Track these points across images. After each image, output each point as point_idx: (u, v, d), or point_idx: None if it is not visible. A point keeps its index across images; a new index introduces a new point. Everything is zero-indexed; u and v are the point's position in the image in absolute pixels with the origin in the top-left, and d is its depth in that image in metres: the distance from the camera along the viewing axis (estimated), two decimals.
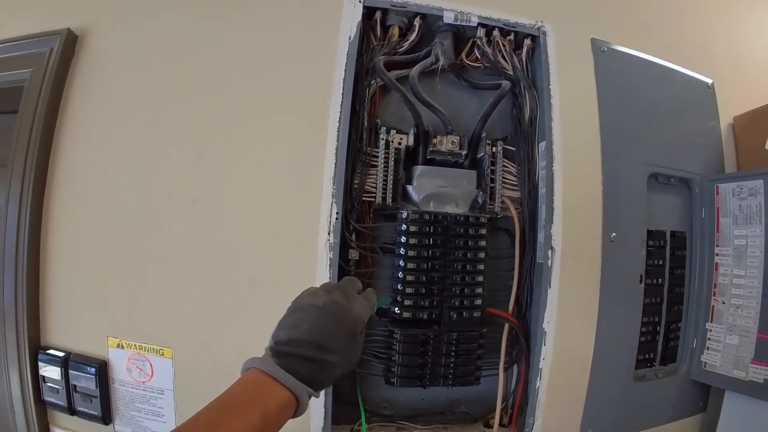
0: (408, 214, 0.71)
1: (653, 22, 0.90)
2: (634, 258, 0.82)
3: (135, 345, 0.76)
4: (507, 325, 0.77)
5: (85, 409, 0.78)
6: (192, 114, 0.76)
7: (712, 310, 0.86)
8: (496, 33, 0.79)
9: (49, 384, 0.78)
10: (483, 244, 0.73)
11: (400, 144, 0.76)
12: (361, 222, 0.74)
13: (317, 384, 0.46)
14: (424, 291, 0.71)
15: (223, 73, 0.76)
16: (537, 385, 0.76)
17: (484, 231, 0.73)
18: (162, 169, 0.76)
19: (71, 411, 0.78)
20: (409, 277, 0.70)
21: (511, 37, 0.81)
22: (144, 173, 0.77)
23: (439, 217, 0.71)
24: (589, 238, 0.78)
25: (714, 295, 0.87)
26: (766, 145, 0.87)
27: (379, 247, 0.77)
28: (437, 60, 0.77)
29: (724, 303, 0.85)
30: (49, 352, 0.78)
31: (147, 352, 0.75)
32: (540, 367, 0.76)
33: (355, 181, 0.73)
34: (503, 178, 0.79)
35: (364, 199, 0.74)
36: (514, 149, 0.80)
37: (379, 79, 0.75)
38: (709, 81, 0.92)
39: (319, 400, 0.70)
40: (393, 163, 0.75)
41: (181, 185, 0.75)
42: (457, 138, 0.76)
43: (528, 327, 0.79)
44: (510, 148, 0.80)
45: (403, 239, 0.71)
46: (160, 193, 0.76)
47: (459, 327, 0.72)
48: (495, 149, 0.78)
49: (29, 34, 0.83)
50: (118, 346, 0.76)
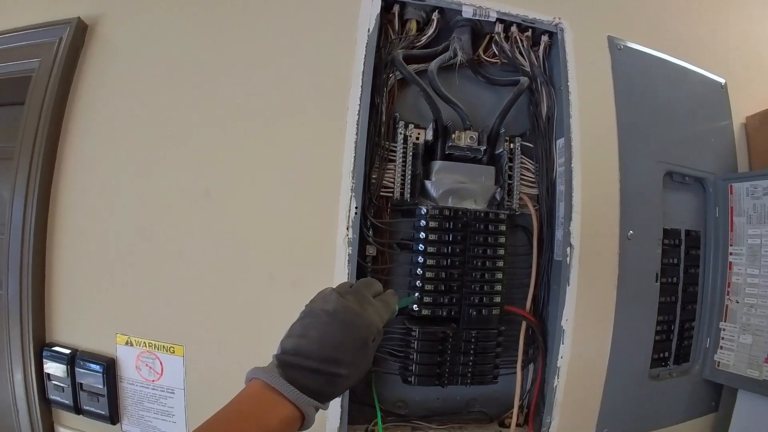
0: (427, 210, 0.68)
1: (668, 21, 0.89)
2: (650, 256, 0.80)
3: (144, 342, 0.72)
4: (524, 324, 0.75)
5: (92, 408, 0.75)
6: (205, 106, 0.73)
7: (726, 310, 0.85)
8: (514, 29, 0.78)
9: (54, 382, 0.75)
10: (502, 240, 0.71)
11: (418, 139, 0.74)
12: (378, 217, 0.72)
13: (324, 397, 0.43)
14: (443, 288, 0.69)
15: (239, 65, 0.73)
16: (555, 384, 0.74)
17: (503, 227, 0.71)
18: (173, 161, 0.73)
19: (77, 410, 0.75)
20: (428, 274, 0.68)
21: (529, 33, 0.79)
22: (155, 166, 0.74)
23: (459, 213, 0.69)
24: (607, 235, 0.76)
25: (728, 294, 0.85)
26: None
27: (396, 243, 0.74)
28: (455, 55, 0.75)
29: (737, 302, 0.84)
30: (54, 349, 0.74)
31: (157, 350, 0.72)
32: (558, 365, 0.73)
33: (373, 176, 0.71)
34: (521, 174, 0.77)
35: (381, 194, 0.72)
36: (531, 146, 0.78)
37: (398, 73, 0.73)
38: (722, 81, 0.91)
39: (336, 399, 0.67)
40: (411, 157, 0.72)
41: (193, 178, 0.72)
42: (476, 134, 0.74)
43: (545, 325, 0.77)
44: (528, 144, 0.78)
45: (422, 235, 0.68)
46: (171, 185, 0.72)
47: (478, 325, 0.70)
48: (513, 146, 0.76)
49: (38, 24, 0.80)
50: (127, 343, 0.73)
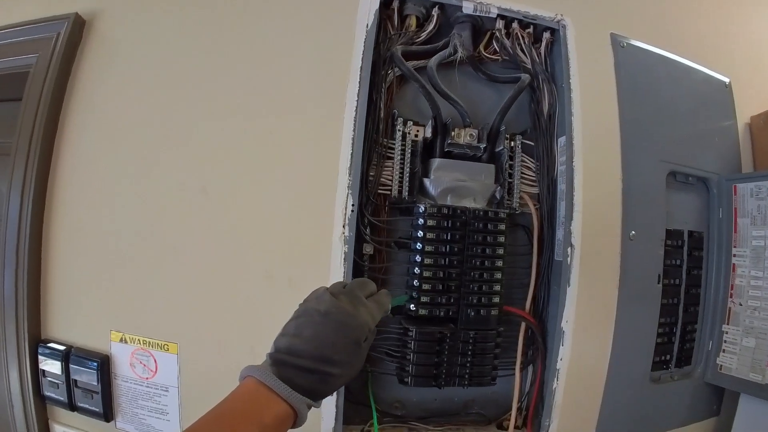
0: (425, 208, 0.66)
1: (672, 19, 0.86)
2: (652, 257, 0.78)
3: (139, 339, 0.71)
4: (524, 325, 0.73)
5: (86, 405, 0.73)
6: (201, 103, 0.71)
7: (729, 312, 0.82)
8: (515, 25, 0.75)
9: (49, 378, 0.73)
10: (502, 240, 0.68)
11: (416, 136, 0.71)
12: (376, 215, 0.70)
13: (317, 395, 0.43)
14: (441, 288, 0.66)
15: (237, 61, 0.71)
16: (554, 386, 0.71)
17: (503, 227, 0.68)
18: (169, 158, 0.71)
19: (71, 407, 0.73)
20: (426, 273, 0.66)
21: (530, 30, 0.77)
22: (150, 163, 0.72)
23: (458, 211, 0.67)
24: (608, 236, 0.74)
25: (731, 296, 0.83)
26: None
27: (393, 241, 0.72)
28: (455, 51, 0.73)
29: (741, 305, 0.81)
30: (49, 345, 0.73)
31: (151, 347, 0.70)
32: (557, 367, 0.71)
33: (371, 174, 0.69)
34: (522, 173, 0.74)
35: (379, 192, 0.70)
36: (532, 144, 0.76)
37: (396, 69, 0.71)
38: (726, 80, 0.88)
39: (330, 399, 0.65)
40: (410, 155, 0.70)
41: (189, 175, 0.70)
42: (476, 131, 0.71)
43: (545, 326, 0.74)
44: (528, 142, 0.76)
45: (420, 234, 0.66)
46: (167, 183, 0.71)
47: (476, 325, 0.68)
48: (513, 144, 0.74)
49: (37, 19, 0.79)
50: (122, 340, 0.71)
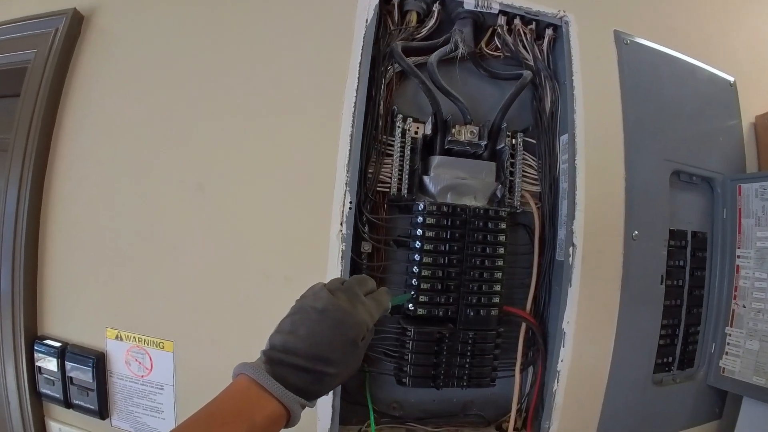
0: (425, 206, 0.64)
1: (677, 17, 0.83)
2: (655, 258, 0.75)
3: (134, 337, 0.69)
4: (524, 325, 0.70)
5: (82, 403, 0.71)
6: (199, 99, 0.69)
7: (732, 314, 0.80)
8: (517, 21, 0.73)
9: (45, 375, 0.72)
10: (503, 239, 0.66)
11: (416, 133, 0.69)
12: (374, 213, 0.68)
13: (311, 395, 0.41)
14: (440, 287, 0.64)
15: (235, 57, 0.69)
16: (554, 388, 0.69)
17: (504, 225, 0.66)
18: (167, 155, 0.69)
19: (67, 404, 0.72)
20: (424, 272, 0.63)
21: (533, 26, 0.74)
22: (148, 160, 0.70)
23: (458, 209, 0.65)
24: (611, 235, 0.71)
25: (734, 298, 0.80)
26: None
27: (392, 240, 0.70)
28: (456, 47, 0.70)
29: (744, 307, 0.78)
30: (45, 342, 0.71)
31: (146, 345, 0.68)
32: (558, 369, 0.69)
33: (369, 171, 0.66)
34: (523, 171, 0.72)
35: (378, 189, 0.67)
36: (534, 142, 0.73)
37: (396, 65, 0.69)
38: (731, 79, 0.85)
39: (326, 399, 0.63)
40: (409, 152, 0.68)
41: (186, 172, 0.68)
42: (477, 128, 0.69)
43: (546, 327, 0.72)
44: (530, 140, 0.73)
45: (419, 232, 0.64)
46: (164, 179, 0.69)
47: (476, 325, 0.65)
48: (515, 141, 0.71)
49: (36, 14, 0.77)
50: (117, 337, 0.69)
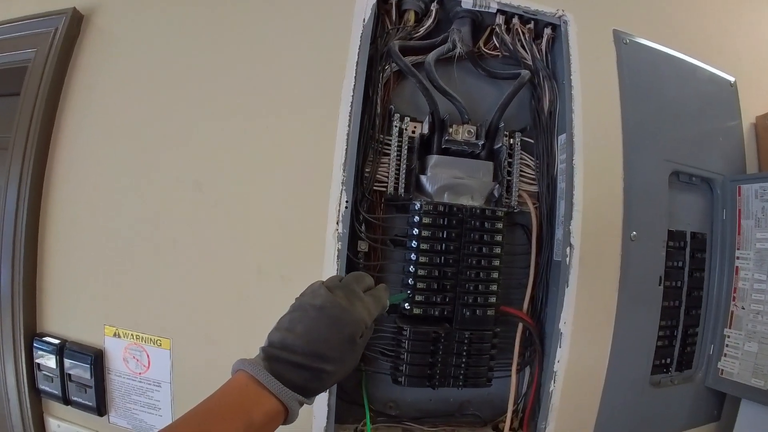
0: (421, 205, 0.62)
1: (676, 16, 0.81)
2: (654, 258, 0.73)
3: (132, 334, 0.68)
4: (521, 325, 0.69)
5: (80, 399, 0.70)
6: (198, 98, 0.68)
7: (731, 316, 0.78)
8: (515, 21, 0.71)
9: (44, 372, 0.71)
10: (499, 239, 0.64)
11: (414, 132, 0.68)
12: (371, 212, 0.66)
13: (309, 392, 0.41)
14: (436, 286, 0.63)
15: (234, 57, 0.68)
16: (551, 389, 0.67)
17: (501, 225, 0.64)
18: (165, 154, 0.68)
19: (65, 401, 0.71)
20: (420, 272, 0.62)
21: (531, 25, 0.72)
22: (146, 158, 0.69)
23: (454, 209, 0.63)
24: (609, 236, 0.69)
25: (733, 300, 0.78)
26: None
27: (389, 239, 0.68)
28: (454, 47, 0.69)
29: (743, 308, 0.76)
30: (44, 339, 0.70)
31: (144, 342, 0.67)
32: (554, 369, 0.67)
33: (366, 170, 0.65)
34: (521, 171, 0.70)
35: (375, 188, 0.66)
36: (532, 141, 0.72)
37: (394, 65, 0.67)
38: (731, 79, 0.83)
39: (322, 397, 0.62)
40: (406, 151, 0.66)
41: (185, 170, 0.67)
42: (474, 128, 0.67)
43: (542, 328, 0.70)
44: (528, 140, 0.72)
45: (415, 231, 0.63)
46: (163, 178, 0.68)
47: (472, 325, 0.64)
48: (513, 141, 0.70)
49: (36, 14, 0.76)
50: (115, 335, 0.68)
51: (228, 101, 0.67)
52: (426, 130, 0.67)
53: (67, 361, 0.69)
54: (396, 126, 0.66)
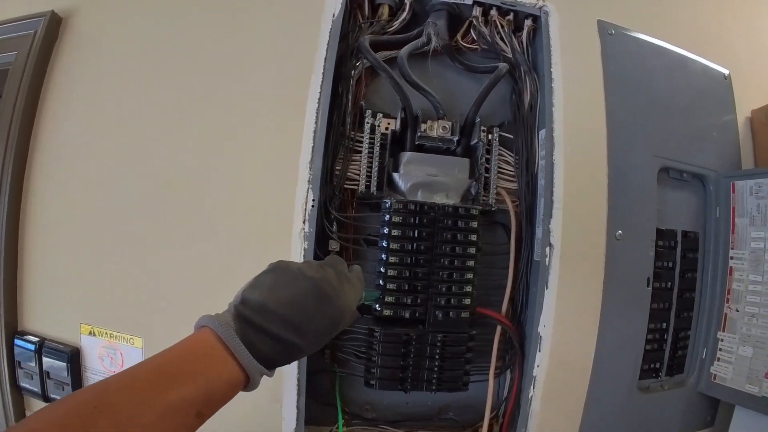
0: (391, 204, 0.58)
1: (666, 6, 0.76)
2: (641, 259, 0.68)
3: (106, 333, 0.66)
4: (499, 328, 0.64)
5: (58, 397, 0.68)
6: (168, 97, 0.65)
7: (725, 318, 0.72)
8: (493, 12, 0.67)
9: (24, 369, 0.69)
10: (473, 238, 0.60)
11: (387, 129, 0.64)
12: (343, 211, 0.63)
13: (274, 365, 0.36)
14: (407, 287, 0.59)
15: (202, 54, 0.65)
16: (530, 394, 0.63)
17: (475, 224, 0.60)
18: (138, 154, 0.66)
19: (45, 398, 0.69)
20: (390, 272, 0.58)
21: (511, 17, 0.68)
22: (120, 158, 0.67)
23: (425, 207, 0.59)
24: (592, 235, 0.65)
25: (727, 301, 0.72)
26: None
27: (363, 239, 0.65)
28: (429, 41, 0.65)
29: (737, 311, 0.70)
30: (25, 337, 0.68)
31: (117, 341, 0.65)
32: (534, 374, 0.62)
33: (337, 168, 0.62)
34: (499, 167, 0.66)
35: (346, 186, 0.62)
36: (512, 137, 0.67)
37: (366, 60, 0.64)
38: (725, 71, 0.77)
39: (291, 399, 0.59)
40: (379, 148, 0.63)
41: (157, 170, 0.64)
42: (449, 123, 0.63)
43: (523, 330, 0.66)
44: (508, 135, 0.67)
45: (385, 230, 0.59)
46: (136, 178, 0.65)
47: (445, 328, 0.60)
48: (491, 136, 0.65)
49: (17, 17, 0.75)
50: (91, 333, 0.67)
51: (197, 100, 0.64)
52: (398, 126, 0.63)
53: (45, 359, 0.67)
54: (368, 122, 0.63)
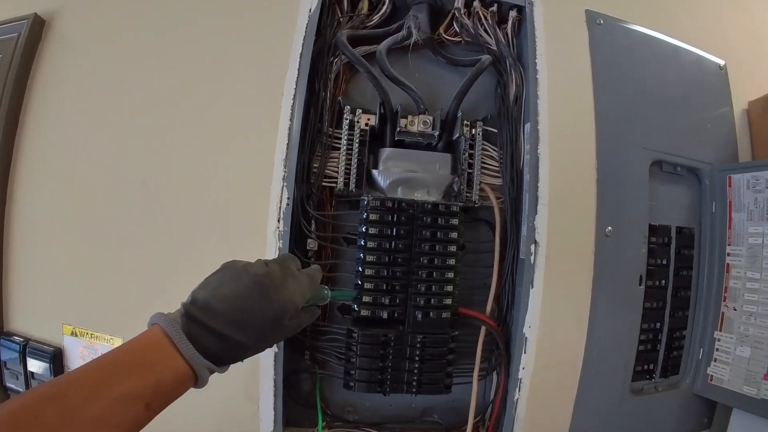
0: (368, 201, 0.55)
1: None
2: (633, 256, 0.64)
3: (87, 333, 0.63)
4: (484, 329, 0.61)
5: None
6: (145, 96, 0.63)
7: (722, 318, 0.67)
8: (476, 4, 0.63)
9: (10, 370, 0.67)
10: (454, 236, 0.56)
11: (366, 125, 0.60)
12: (321, 209, 0.59)
13: (222, 362, 0.37)
14: (385, 287, 0.55)
15: (178, 50, 0.63)
16: (515, 397, 0.59)
17: (455, 221, 0.57)
18: (116, 154, 0.64)
19: None
20: (368, 271, 0.55)
21: (494, 8, 0.64)
22: (102, 160, 0.64)
23: (404, 204, 0.55)
24: (580, 232, 0.60)
25: (724, 300, 0.67)
26: None
27: (342, 237, 0.61)
28: (410, 35, 0.61)
29: (735, 309, 0.66)
30: (11, 338, 0.67)
31: (98, 341, 0.63)
32: (519, 377, 0.58)
33: (315, 165, 0.58)
34: (483, 163, 0.62)
35: (324, 184, 0.59)
36: (496, 131, 0.63)
37: (344, 56, 0.60)
38: (721, 62, 0.72)
39: (268, 400, 0.56)
40: (358, 145, 0.59)
41: (133, 169, 0.62)
42: (430, 118, 0.59)
43: (509, 331, 0.62)
44: (492, 129, 0.63)
45: (363, 229, 0.55)
46: (113, 178, 0.63)
47: (425, 328, 0.56)
48: (474, 131, 0.61)
49: (2, 20, 0.73)
50: (73, 333, 0.65)
51: (174, 97, 0.62)
52: (376, 121, 0.59)
53: (30, 360, 0.66)
54: (347, 118, 0.59)
